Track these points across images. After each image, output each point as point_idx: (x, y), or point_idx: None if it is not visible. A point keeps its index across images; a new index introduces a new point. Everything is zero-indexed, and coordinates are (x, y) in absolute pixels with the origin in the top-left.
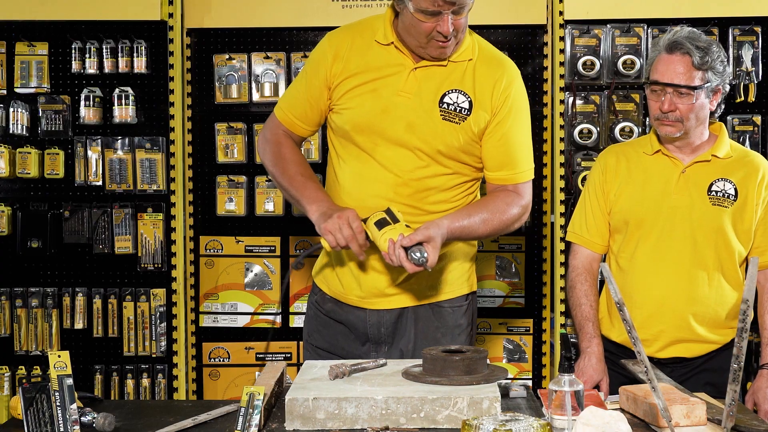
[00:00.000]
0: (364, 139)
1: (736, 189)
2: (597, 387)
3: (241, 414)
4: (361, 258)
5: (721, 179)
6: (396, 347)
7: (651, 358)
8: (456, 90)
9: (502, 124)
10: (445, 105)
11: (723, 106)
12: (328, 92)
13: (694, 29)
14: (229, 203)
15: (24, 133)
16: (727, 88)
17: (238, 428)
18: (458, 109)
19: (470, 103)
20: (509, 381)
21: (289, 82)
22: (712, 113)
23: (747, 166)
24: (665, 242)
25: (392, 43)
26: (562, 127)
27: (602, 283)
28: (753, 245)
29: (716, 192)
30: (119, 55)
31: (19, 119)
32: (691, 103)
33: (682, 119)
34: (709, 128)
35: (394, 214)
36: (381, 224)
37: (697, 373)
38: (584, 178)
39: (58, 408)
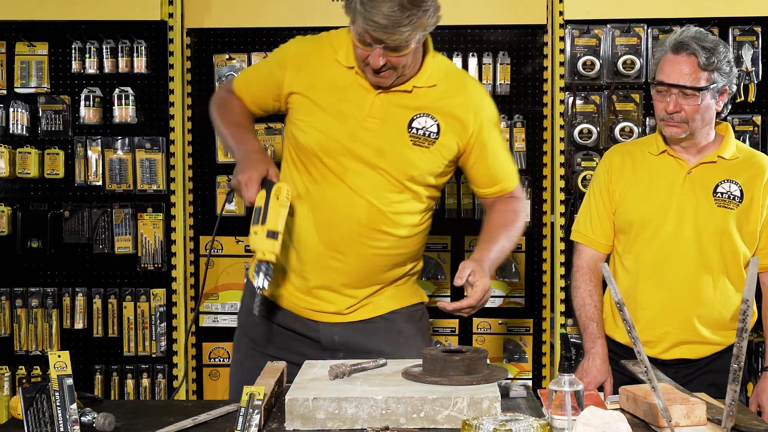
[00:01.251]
0: (333, 162)
1: (741, 190)
2: (601, 388)
3: (241, 414)
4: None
5: (727, 180)
6: (352, 355)
7: (655, 360)
8: (424, 114)
9: (485, 144)
10: (414, 130)
11: (730, 107)
12: (283, 96)
13: (701, 29)
14: (229, 203)
15: (24, 133)
16: (734, 88)
17: (238, 428)
18: (427, 133)
19: (438, 126)
20: (509, 381)
21: None
22: (718, 114)
23: (753, 167)
24: (670, 244)
25: (354, 67)
26: (562, 127)
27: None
28: (758, 246)
29: (722, 193)
30: (119, 55)
31: (19, 119)
32: (697, 104)
33: (688, 120)
34: (715, 129)
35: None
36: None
37: (701, 375)
38: (584, 178)
39: (58, 408)
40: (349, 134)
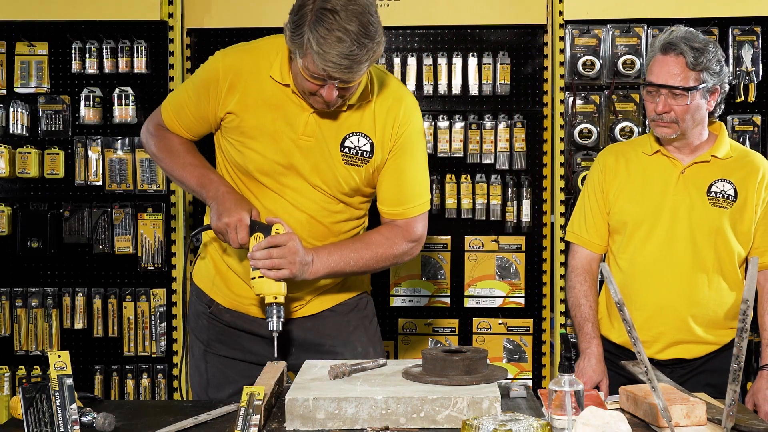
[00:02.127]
0: (270, 181)
1: (735, 190)
2: (597, 388)
3: (241, 414)
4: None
5: (721, 180)
6: (304, 349)
7: (651, 360)
8: (357, 133)
9: (396, 159)
10: (346, 149)
11: (723, 106)
12: (219, 117)
13: (692, 29)
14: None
15: (24, 133)
16: (726, 87)
17: (239, 428)
18: (360, 152)
19: (372, 145)
20: (509, 381)
21: None
22: (711, 113)
23: (747, 167)
24: (665, 243)
25: (290, 86)
26: (562, 127)
27: (601, 283)
28: (753, 246)
29: (716, 193)
30: (119, 55)
31: (19, 119)
32: (686, 105)
33: (678, 120)
34: (709, 128)
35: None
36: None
37: (696, 374)
38: (584, 178)
39: (58, 408)
40: (285, 154)
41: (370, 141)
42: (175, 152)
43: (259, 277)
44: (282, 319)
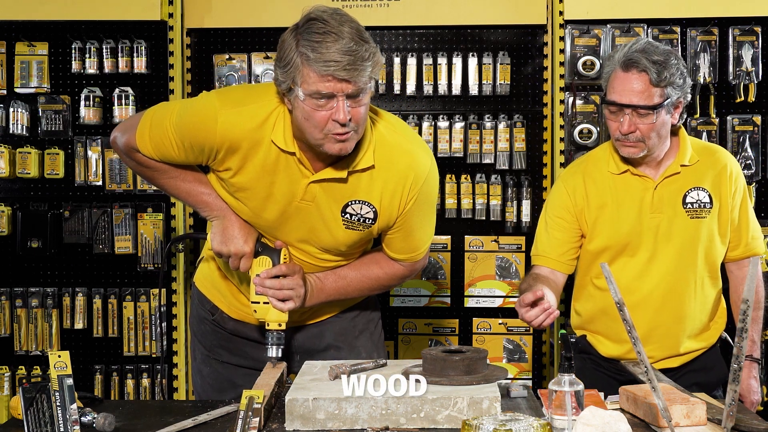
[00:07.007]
0: (265, 232)
1: (710, 195)
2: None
3: (240, 417)
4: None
5: (694, 189)
6: (308, 356)
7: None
8: (359, 201)
9: (407, 221)
10: (347, 215)
11: (685, 115)
12: (216, 168)
13: (651, 41)
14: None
15: (24, 133)
16: (689, 98)
17: (238, 431)
18: (362, 219)
19: (375, 213)
20: (509, 381)
21: None
22: (673, 124)
23: (714, 166)
24: (650, 264)
25: (295, 154)
26: (562, 127)
27: (567, 302)
28: (729, 241)
29: (691, 204)
30: (119, 55)
31: (19, 119)
32: (652, 123)
33: (644, 139)
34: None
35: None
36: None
37: (682, 374)
38: None
39: (58, 408)
40: (280, 214)
41: (374, 209)
42: (161, 170)
43: (264, 303)
44: (282, 347)
